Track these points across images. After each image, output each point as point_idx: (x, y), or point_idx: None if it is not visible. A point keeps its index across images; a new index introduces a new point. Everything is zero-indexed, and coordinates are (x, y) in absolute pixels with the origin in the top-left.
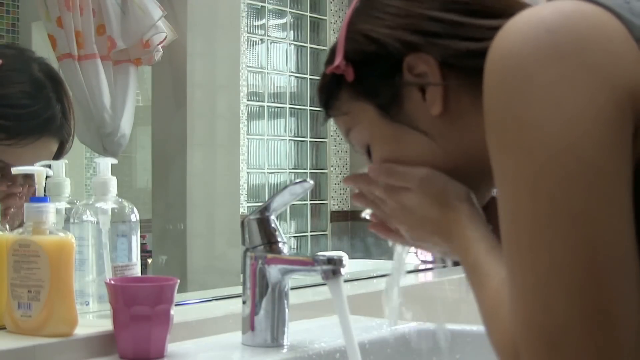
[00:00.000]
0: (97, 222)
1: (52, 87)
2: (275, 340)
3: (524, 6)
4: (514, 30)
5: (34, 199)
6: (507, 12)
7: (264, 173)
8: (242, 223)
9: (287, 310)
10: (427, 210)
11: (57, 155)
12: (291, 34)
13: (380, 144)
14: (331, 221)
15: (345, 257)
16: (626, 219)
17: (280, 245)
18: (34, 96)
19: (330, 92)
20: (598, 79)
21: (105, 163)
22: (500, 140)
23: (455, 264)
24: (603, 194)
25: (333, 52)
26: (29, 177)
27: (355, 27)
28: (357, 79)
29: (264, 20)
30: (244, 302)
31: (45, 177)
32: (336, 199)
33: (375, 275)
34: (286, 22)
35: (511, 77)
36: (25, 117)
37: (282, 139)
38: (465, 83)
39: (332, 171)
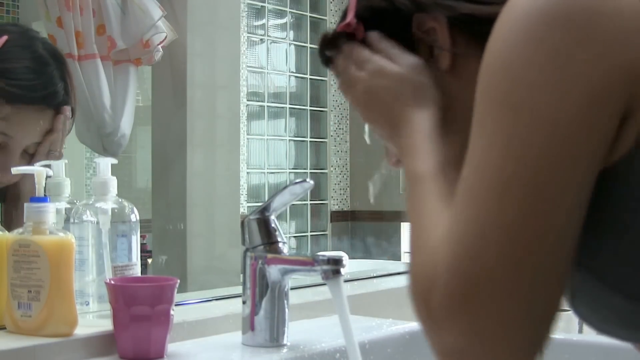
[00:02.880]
0: (97, 222)
1: (55, 65)
2: (275, 340)
3: None
4: None
5: (34, 199)
6: None
7: (264, 173)
8: (242, 223)
9: (287, 310)
10: (378, 95)
11: None
12: (291, 34)
13: None
14: (331, 221)
15: (345, 257)
16: (583, 192)
17: (280, 245)
18: (38, 72)
19: (339, 48)
20: (600, 53)
21: (105, 163)
22: (490, 93)
23: None
24: (572, 163)
25: (345, 11)
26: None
27: None
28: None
29: (264, 20)
30: (244, 302)
31: (45, 177)
32: (336, 199)
33: (375, 275)
34: (286, 22)
35: (516, 36)
36: (28, 91)
37: (282, 139)
38: (474, 44)
39: (332, 171)
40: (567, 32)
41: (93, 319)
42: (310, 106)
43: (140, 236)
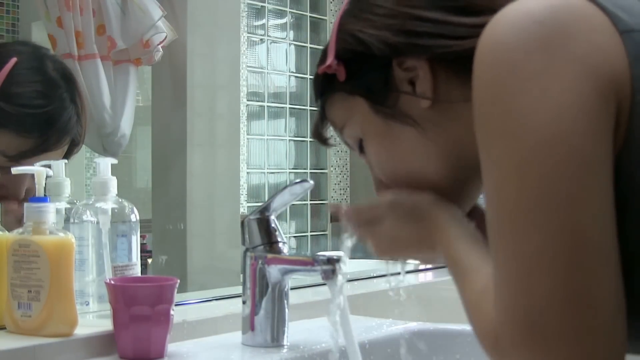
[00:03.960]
0: (97, 222)
1: (66, 87)
2: (275, 340)
3: (507, 1)
4: (503, 22)
5: (34, 199)
6: (490, 9)
7: (264, 173)
8: (242, 223)
9: (287, 310)
10: (405, 230)
11: (66, 156)
12: (291, 34)
13: (373, 139)
14: (331, 221)
15: (345, 257)
16: (608, 206)
17: (280, 245)
18: (48, 96)
19: (324, 91)
20: (583, 69)
21: (105, 163)
22: (488, 129)
23: None
24: (587, 180)
25: (325, 52)
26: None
27: (344, 27)
28: (349, 77)
29: (264, 20)
30: (244, 302)
31: (45, 177)
32: (336, 199)
33: (375, 275)
34: (286, 22)
35: (499, 67)
36: (38, 117)
37: (282, 139)
38: (454, 75)
39: (332, 171)
40: (545, 54)
41: (93, 319)
42: (310, 106)
43: (140, 236)
